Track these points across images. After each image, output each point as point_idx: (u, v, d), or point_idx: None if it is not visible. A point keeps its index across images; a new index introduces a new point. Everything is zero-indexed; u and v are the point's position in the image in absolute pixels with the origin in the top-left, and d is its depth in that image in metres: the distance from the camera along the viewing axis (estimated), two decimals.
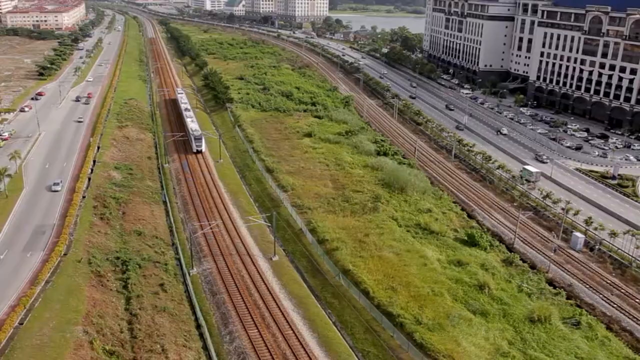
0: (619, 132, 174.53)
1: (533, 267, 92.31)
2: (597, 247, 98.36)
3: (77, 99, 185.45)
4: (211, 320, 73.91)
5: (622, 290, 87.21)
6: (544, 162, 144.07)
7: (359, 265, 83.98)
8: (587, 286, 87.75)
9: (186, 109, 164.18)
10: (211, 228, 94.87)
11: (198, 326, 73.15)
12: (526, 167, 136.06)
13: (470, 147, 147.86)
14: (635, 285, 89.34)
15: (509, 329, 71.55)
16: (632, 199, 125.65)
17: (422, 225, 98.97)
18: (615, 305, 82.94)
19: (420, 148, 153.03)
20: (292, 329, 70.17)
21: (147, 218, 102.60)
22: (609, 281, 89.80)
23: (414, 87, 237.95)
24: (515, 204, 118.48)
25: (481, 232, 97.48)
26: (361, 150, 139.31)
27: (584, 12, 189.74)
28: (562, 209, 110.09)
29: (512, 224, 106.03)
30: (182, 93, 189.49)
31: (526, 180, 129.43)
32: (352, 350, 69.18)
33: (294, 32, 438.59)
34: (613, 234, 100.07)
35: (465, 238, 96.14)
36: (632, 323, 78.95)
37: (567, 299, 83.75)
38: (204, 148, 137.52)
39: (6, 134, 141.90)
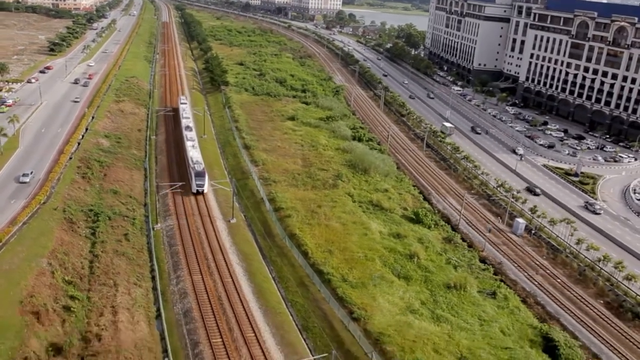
0: (596, 135, 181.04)
1: (471, 245, 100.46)
2: (533, 231, 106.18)
3: (76, 82, 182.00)
4: (164, 267, 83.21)
5: (548, 271, 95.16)
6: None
7: (305, 230, 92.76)
8: (516, 265, 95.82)
9: (187, 127, 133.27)
10: (180, 190, 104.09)
11: (152, 271, 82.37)
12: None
13: (442, 138, 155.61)
14: (562, 268, 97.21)
15: (426, 292, 79.97)
16: (589, 194, 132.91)
17: (374, 202, 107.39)
18: (536, 283, 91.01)
19: (398, 137, 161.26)
20: (231, 278, 79.15)
21: (125, 181, 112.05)
22: (538, 263, 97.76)
23: (405, 84, 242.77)
24: (473, 191, 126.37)
25: (426, 211, 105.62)
26: (338, 135, 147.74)
27: (572, 16, 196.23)
28: (512, 196, 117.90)
29: (459, 205, 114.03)
30: (185, 103, 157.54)
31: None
32: (283, 299, 78.12)
33: (305, 24, 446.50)
34: (552, 222, 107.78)
35: (412, 216, 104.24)
36: (546, 298, 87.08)
37: (495, 274, 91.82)
38: (206, 187, 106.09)
39: (10, 101, 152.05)
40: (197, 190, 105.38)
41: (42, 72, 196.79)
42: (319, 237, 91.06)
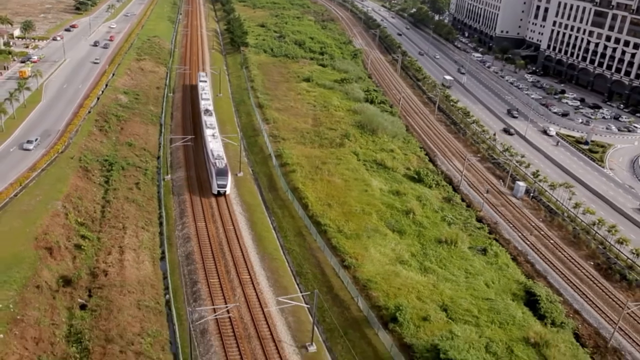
0: (613, 105, 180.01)
1: (469, 206, 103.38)
2: (532, 194, 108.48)
3: (95, 44, 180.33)
4: (171, 214, 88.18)
5: (542, 233, 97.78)
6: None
7: (307, 185, 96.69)
8: (511, 226, 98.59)
9: (207, 111, 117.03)
10: (192, 142, 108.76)
11: (160, 217, 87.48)
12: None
13: (454, 102, 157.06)
14: (557, 230, 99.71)
15: (417, 246, 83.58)
16: (597, 163, 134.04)
17: (378, 161, 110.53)
18: (528, 243, 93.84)
19: (411, 100, 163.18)
20: (233, 226, 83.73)
21: (141, 134, 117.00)
22: (534, 224, 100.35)
23: (421, 54, 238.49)
24: (479, 155, 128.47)
25: (428, 171, 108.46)
26: (350, 97, 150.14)
27: None
28: (516, 161, 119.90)
29: (466, 170, 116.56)
30: (205, 81, 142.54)
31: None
32: (281, 247, 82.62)
33: None
34: (552, 186, 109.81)
35: (414, 175, 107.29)
36: (536, 257, 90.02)
37: (489, 233, 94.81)
38: (229, 188, 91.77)
39: (36, 57, 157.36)
40: (219, 191, 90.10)
41: (67, 30, 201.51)
42: (320, 192, 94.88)
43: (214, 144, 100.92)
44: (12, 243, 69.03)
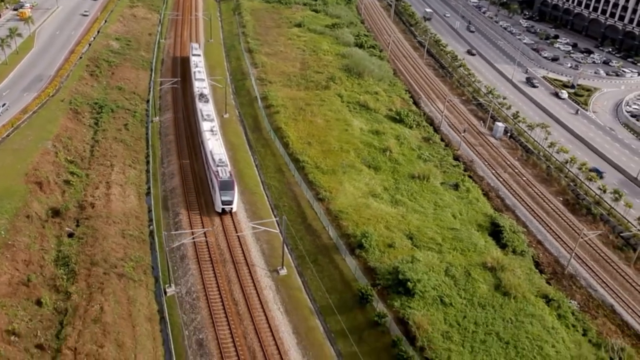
0: (606, 50, 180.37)
1: (448, 145, 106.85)
2: (509, 134, 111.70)
3: None
4: (157, 153, 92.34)
5: (516, 170, 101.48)
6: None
7: (290, 125, 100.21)
8: (486, 164, 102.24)
9: (202, 96, 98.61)
10: (179, 84, 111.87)
11: (147, 156, 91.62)
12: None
13: (444, 47, 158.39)
14: (532, 168, 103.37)
15: (390, 181, 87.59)
16: (581, 106, 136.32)
17: (361, 103, 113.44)
18: (501, 180, 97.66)
19: (402, 45, 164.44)
20: None
21: (131, 79, 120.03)
22: (509, 162, 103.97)
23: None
24: (463, 97, 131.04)
25: (408, 112, 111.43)
26: (340, 42, 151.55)
27: None
28: (498, 103, 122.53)
29: (448, 110, 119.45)
30: (199, 55, 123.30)
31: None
32: (261, 183, 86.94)
33: None
34: (530, 126, 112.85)
35: (395, 116, 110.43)
36: (507, 193, 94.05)
37: (464, 170, 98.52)
38: (235, 205, 75.29)
39: (28, 5, 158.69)
40: (223, 209, 73.93)
41: None
42: (302, 131, 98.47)
43: (214, 144, 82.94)
44: (3, 178, 73.59)
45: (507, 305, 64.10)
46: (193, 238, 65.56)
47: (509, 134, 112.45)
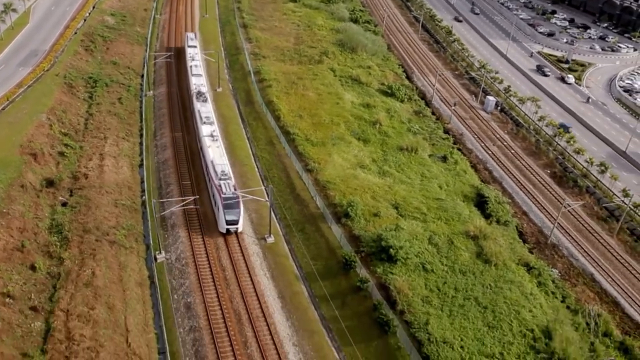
0: (603, 25, 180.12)
1: (439, 119, 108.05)
2: (499, 107, 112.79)
3: None
4: (151, 126, 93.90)
5: (505, 144, 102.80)
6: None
7: (282, 98, 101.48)
8: (476, 137, 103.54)
9: (199, 94, 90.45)
10: (171, 58, 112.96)
11: (140, 129, 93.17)
12: None
13: (439, 21, 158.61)
14: (521, 142, 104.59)
15: (379, 153, 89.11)
16: (576, 82, 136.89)
17: (354, 77, 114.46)
18: (490, 152, 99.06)
19: (397, 20, 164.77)
20: None
21: (126, 54, 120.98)
22: (498, 136, 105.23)
23: None
24: (456, 72, 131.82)
25: (400, 86, 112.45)
26: (335, 17, 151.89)
27: None
28: (491, 77, 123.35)
29: (440, 85, 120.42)
30: (194, 46, 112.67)
31: None
32: (252, 155, 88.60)
33: None
34: (521, 100, 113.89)
35: (387, 90, 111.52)
36: (495, 165, 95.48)
37: (454, 143, 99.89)
38: (241, 225, 68.13)
39: None
40: (228, 229, 67.08)
41: None
42: (294, 104, 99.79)
43: (215, 152, 74.95)
44: None
45: (488, 272, 66.00)
46: (183, 206, 67.21)
47: (499, 108, 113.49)
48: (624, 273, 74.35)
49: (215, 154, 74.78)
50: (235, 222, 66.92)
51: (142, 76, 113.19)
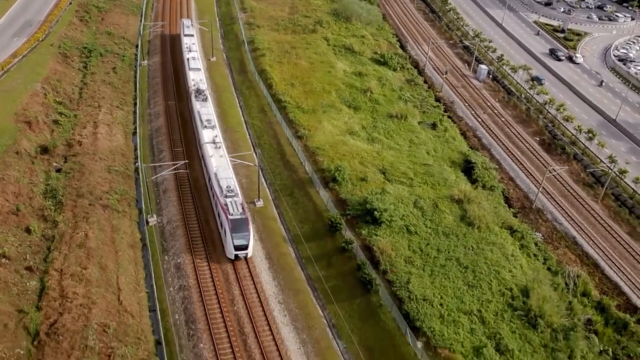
0: None
1: (431, 87, 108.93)
2: (491, 75, 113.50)
3: None
4: (144, 94, 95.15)
5: (496, 112, 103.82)
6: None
7: (274, 67, 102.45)
8: (467, 105, 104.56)
9: (199, 92, 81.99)
10: (163, 27, 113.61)
11: (134, 98, 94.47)
12: None
13: None
14: (512, 110, 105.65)
15: (369, 120, 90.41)
16: (569, 50, 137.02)
17: (347, 46, 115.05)
18: (479, 120, 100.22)
19: None
20: None
21: (121, 24, 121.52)
22: (489, 104, 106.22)
23: None
24: (451, 41, 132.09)
25: (393, 55, 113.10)
26: None
27: None
28: (484, 46, 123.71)
29: (434, 54, 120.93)
30: (191, 34, 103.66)
31: None
32: (244, 122, 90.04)
33: None
34: (513, 68, 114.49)
35: (380, 59, 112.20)
36: (484, 132, 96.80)
37: (445, 111, 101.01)
38: (251, 249, 60.79)
39: None
40: (237, 255, 59.91)
41: None
42: (286, 73, 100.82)
43: (219, 163, 67.46)
44: None
45: (470, 234, 67.85)
46: (174, 170, 68.85)
47: (491, 76, 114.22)
48: (605, 237, 76.11)
49: (220, 165, 66.83)
50: (245, 247, 59.36)
51: (137, 46, 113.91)
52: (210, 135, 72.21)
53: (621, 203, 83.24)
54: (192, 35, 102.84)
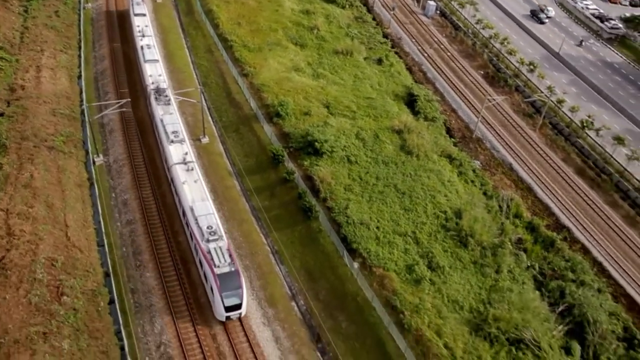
0: None
1: (379, 24, 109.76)
2: (438, 11, 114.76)
3: None
4: (89, 38, 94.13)
5: (442, 47, 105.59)
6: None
7: (221, 7, 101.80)
8: (414, 41, 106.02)
9: (158, 91, 69.13)
10: None
11: (78, 41, 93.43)
12: None
13: None
14: (458, 45, 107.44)
15: (315, 56, 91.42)
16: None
17: None
18: (426, 55, 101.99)
19: None
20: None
21: None
22: (436, 39, 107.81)
23: None
24: None
25: None
26: None
27: None
28: None
29: None
30: (143, 14, 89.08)
31: None
32: (191, 63, 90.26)
33: None
34: (460, 4, 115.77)
35: None
36: (429, 67, 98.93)
37: (392, 47, 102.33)
38: (244, 309, 49.06)
39: None
40: (228, 317, 48.67)
41: None
42: (233, 13, 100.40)
43: (194, 190, 56.01)
44: None
45: (409, 162, 70.77)
46: (118, 108, 69.49)
47: (439, 12, 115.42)
48: (540, 162, 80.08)
49: (195, 194, 54.60)
50: (238, 307, 48.02)
51: None
52: (179, 153, 59.13)
53: (558, 131, 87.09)
54: (144, 15, 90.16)
